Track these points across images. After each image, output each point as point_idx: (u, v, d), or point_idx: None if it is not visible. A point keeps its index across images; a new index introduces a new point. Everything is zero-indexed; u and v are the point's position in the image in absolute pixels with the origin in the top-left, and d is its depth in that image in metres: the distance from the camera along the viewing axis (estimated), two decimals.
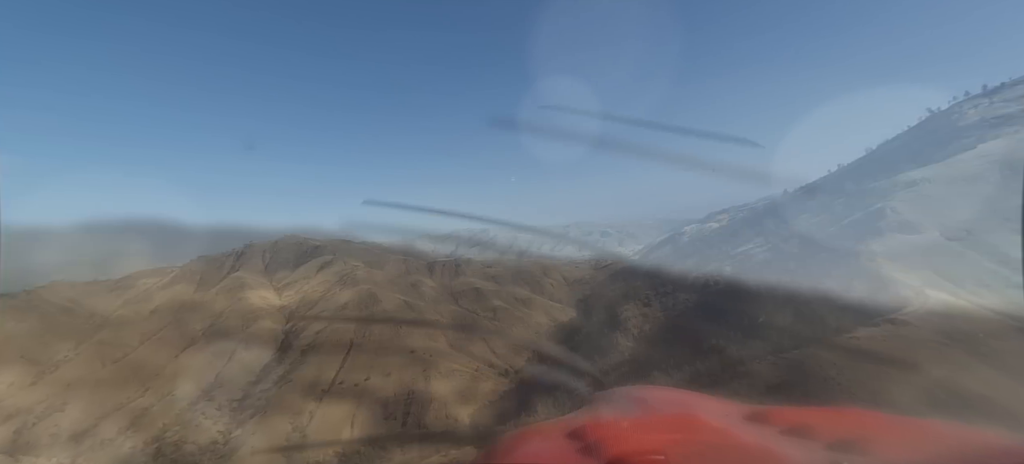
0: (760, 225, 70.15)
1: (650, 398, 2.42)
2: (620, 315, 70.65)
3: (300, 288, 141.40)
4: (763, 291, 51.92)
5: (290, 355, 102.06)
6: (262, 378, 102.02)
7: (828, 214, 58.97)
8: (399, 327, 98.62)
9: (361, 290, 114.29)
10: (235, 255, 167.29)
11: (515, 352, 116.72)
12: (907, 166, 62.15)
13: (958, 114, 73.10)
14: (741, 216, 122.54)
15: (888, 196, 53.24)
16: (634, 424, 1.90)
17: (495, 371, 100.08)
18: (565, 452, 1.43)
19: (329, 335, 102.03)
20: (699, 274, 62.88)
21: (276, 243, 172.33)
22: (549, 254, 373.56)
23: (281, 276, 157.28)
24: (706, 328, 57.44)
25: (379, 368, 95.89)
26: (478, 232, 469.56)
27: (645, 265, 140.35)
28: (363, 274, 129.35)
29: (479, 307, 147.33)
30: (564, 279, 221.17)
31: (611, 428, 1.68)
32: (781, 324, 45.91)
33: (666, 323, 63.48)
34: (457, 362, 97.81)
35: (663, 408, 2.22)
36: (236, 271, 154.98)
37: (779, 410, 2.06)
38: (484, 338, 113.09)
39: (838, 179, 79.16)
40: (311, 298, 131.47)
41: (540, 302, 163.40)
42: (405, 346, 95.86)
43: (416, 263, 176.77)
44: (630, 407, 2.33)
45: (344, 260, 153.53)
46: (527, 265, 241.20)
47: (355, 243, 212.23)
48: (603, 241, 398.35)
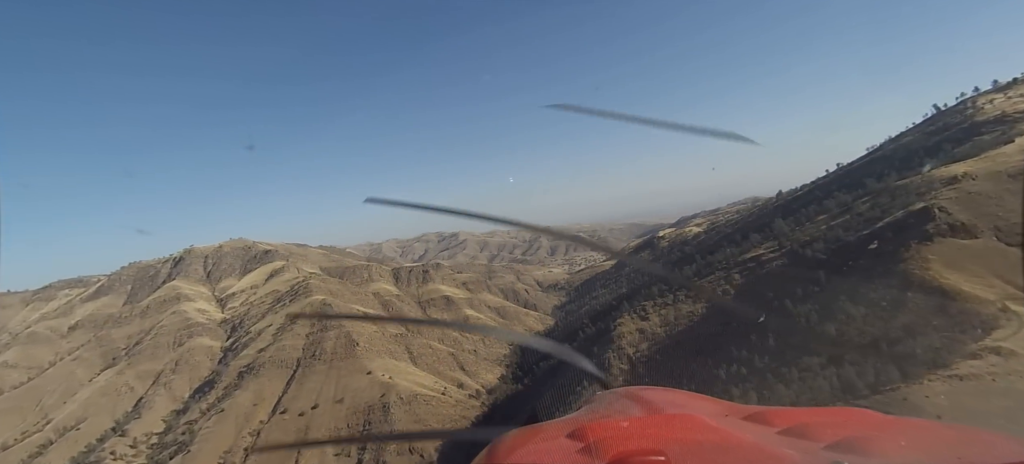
0: (769, 227, 62.08)
1: (650, 398, 2.41)
2: (611, 330, 61.00)
3: (246, 298, 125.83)
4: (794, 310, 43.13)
5: (226, 378, 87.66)
6: (191, 406, 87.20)
7: (853, 215, 51.10)
8: (355, 344, 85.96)
9: (314, 302, 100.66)
10: (172, 262, 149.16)
11: (487, 368, 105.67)
12: (929, 162, 55.30)
13: (971, 109, 67.65)
14: (730, 218, 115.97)
15: (927, 194, 45.57)
16: (634, 424, 1.83)
17: (465, 392, 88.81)
18: (565, 452, 1.51)
19: (273, 354, 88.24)
20: (707, 282, 54.10)
21: (220, 247, 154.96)
22: (521, 258, 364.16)
23: (226, 285, 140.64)
24: (724, 343, 48.43)
25: (330, 392, 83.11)
26: (448, 236, 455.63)
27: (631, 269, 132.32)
28: (318, 282, 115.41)
29: (449, 316, 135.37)
30: (538, 284, 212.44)
31: (611, 428, 1.67)
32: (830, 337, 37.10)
33: (670, 341, 54.13)
34: (422, 382, 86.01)
35: (663, 408, 2.21)
36: (172, 280, 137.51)
37: (779, 410, 2.05)
38: (453, 353, 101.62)
39: (847, 177, 72.36)
40: (260, 310, 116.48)
41: (514, 309, 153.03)
42: (361, 366, 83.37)
43: (381, 269, 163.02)
44: (630, 407, 2.31)
45: (298, 267, 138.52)
46: (500, 269, 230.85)
47: (313, 247, 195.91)
48: (575, 245, 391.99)
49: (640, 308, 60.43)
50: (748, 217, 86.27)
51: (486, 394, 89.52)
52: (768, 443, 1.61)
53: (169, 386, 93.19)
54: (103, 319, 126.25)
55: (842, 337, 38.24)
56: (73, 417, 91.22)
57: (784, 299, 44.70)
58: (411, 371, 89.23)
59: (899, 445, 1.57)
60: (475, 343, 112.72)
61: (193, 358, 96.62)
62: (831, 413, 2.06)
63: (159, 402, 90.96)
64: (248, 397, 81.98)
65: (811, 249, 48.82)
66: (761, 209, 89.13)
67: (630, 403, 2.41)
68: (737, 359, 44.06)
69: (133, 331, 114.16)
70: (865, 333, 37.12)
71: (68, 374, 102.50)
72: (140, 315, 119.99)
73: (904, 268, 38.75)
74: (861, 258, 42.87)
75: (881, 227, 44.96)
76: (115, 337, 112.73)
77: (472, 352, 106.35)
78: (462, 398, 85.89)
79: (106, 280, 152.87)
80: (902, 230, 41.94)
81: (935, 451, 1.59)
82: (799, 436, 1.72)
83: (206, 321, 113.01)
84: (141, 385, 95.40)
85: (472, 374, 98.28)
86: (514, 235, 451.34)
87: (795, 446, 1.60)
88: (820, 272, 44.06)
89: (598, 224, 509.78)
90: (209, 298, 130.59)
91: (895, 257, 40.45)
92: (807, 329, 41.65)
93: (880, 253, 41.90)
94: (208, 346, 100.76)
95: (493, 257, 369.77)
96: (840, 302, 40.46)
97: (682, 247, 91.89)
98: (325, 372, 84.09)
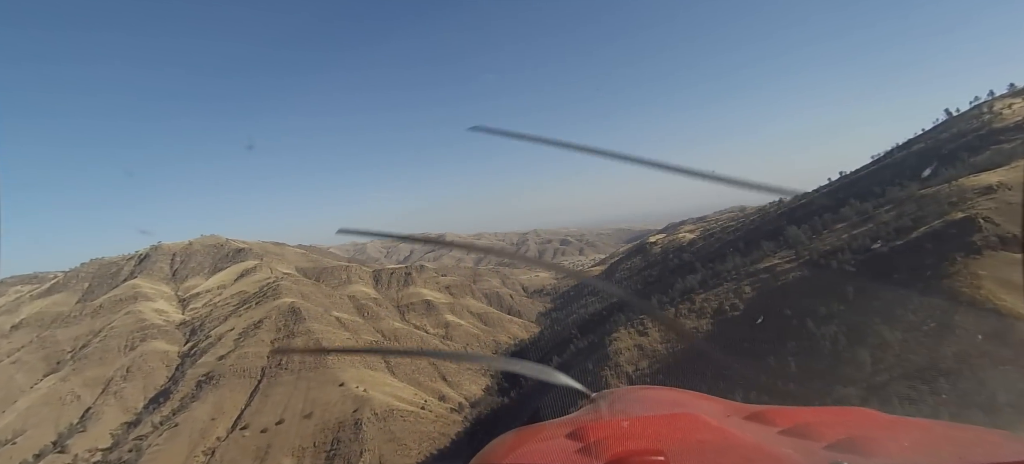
0: (781, 234, 57.28)
1: (650, 398, 2.49)
2: (606, 344, 55.39)
3: (211, 299, 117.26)
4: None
5: (182, 387, 79.74)
6: (143, 418, 79.06)
7: (877, 223, 46.42)
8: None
9: (283, 306, 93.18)
10: (136, 259, 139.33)
11: (471, 378, 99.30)
12: (951, 169, 51.11)
13: (989, 114, 64.10)
14: (727, 224, 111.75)
15: (961, 203, 40.97)
16: (634, 424, 1.84)
17: (447, 406, 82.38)
18: (565, 452, 1.54)
19: (235, 361, 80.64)
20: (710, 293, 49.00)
21: (190, 244, 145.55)
22: (507, 262, 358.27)
23: (192, 284, 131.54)
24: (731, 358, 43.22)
25: (298, 406, 76.05)
26: (433, 237, 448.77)
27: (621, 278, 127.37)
28: (289, 284, 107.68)
29: (429, 322, 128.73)
30: (524, 288, 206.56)
31: (611, 428, 1.71)
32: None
33: (673, 359, 48.77)
34: (400, 395, 79.35)
35: (663, 408, 2.28)
36: (133, 278, 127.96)
37: (779, 410, 2.08)
38: (434, 362, 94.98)
39: (855, 184, 68.21)
40: (223, 312, 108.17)
41: (497, 316, 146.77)
42: (333, 377, 76.41)
43: (360, 270, 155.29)
44: (630, 407, 2.36)
45: (271, 267, 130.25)
46: (485, 273, 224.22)
47: (291, 246, 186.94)
48: (564, 249, 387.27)
49: (638, 321, 54.98)
50: (751, 224, 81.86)
51: (470, 408, 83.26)
52: (769, 443, 1.61)
53: (120, 395, 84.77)
54: (51, 318, 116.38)
55: (878, 364, 33.21)
56: (10, 429, 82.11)
57: (805, 318, 39.69)
58: (388, 382, 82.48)
59: (900, 445, 1.57)
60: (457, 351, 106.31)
61: (146, 364, 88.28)
62: (832, 413, 2.04)
63: (108, 413, 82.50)
64: (206, 410, 74.34)
65: (836, 260, 43.93)
66: (765, 216, 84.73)
67: (630, 403, 2.39)
68: (755, 385, 38.83)
69: (82, 332, 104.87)
70: (906, 361, 32.12)
71: (6, 380, 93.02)
72: (91, 315, 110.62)
73: (949, 285, 33.96)
74: (895, 272, 38.09)
75: (916, 238, 40.27)
76: (61, 339, 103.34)
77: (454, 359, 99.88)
78: (443, 412, 79.43)
79: (62, 277, 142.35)
80: (941, 241, 37.32)
81: (936, 451, 1.59)
82: (800, 436, 1.72)
83: (163, 323, 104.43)
84: (89, 393, 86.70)
85: (455, 385, 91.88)
86: (502, 237, 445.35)
87: (796, 446, 1.60)
88: (848, 287, 39.08)
89: (586, 229, 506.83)
90: (170, 298, 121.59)
91: (937, 272, 35.69)
92: (834, 353, 36.58)
93: (917, 267, 37.11)
94: (164, 351, 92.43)
95: (479, 260, 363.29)
96: (873, 323, 35.48)
97: (680, 254, 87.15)
98: (292, 383, 76.91)
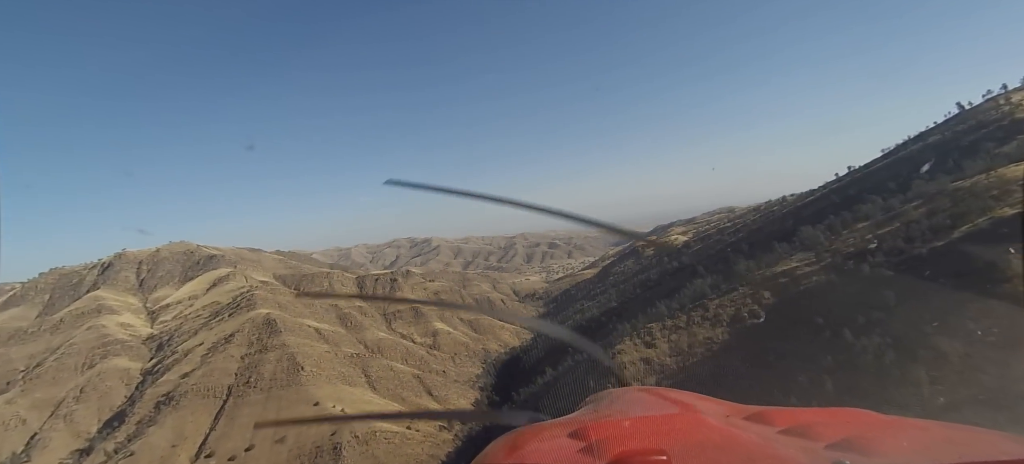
0: (794, 235, 52.72)
1: (650, 398, 2.46)
2: (611, 358, 50.58)
3: (181, 311, 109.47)
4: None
5: (139, 409, 72.46)
6: (96, 444, 71.57)
7: (905, 222, 41.91)
8: (300, 368, 72.40)
9: (257, 317, 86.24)
10: (99, 268, 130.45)
11: (460, 391, 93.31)
12: (974, 164, 47.02)
13: (1008, 105, 60.61)
14: (727, 226, 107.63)
15: (1004, 197, 36.54)
16: (636, 424, 1.86)
17: (435, 424, 76.23)
18: (566, 452, 1.54)
19: (200, 379, 73.62)
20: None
21: (157, 252, 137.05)
22: (496, 265, 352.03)
23: (161, 294, 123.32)
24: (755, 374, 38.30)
25: (269, 429, 69.35)
26: (421, 241, 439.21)
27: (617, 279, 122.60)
28: (265, 294, 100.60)
29: (417, 331, 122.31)
30: (515, 292, 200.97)
31: (613, 428, 1.73)
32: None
33: (685, 374, 43.72)
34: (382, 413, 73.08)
35: (664, 408, 2.26)
36: (96, 289, 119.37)
37: (779, 410, 2.09)
38: (419, 375, 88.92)
39: (867, 179, 64.16)
40: (194, 325, 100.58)
41: (488, 322, 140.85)
42: (307, 395, 69.91)
43: (343, 277, 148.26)
44: (631, 407, 2.35)
45: (245, 275, 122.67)
46: (475, 277, 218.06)
47: (267, 252, 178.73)
48: (552, 252, 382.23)
49: (645, 331, 49.85)
50: (752, 224, 77.63)
51: (460, 425, 77.32)
52: (770, 443, 1.60)
53: (70, 418, 77.04)
54: (8, 334, 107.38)
55: (938, 384, 28.39)
56: None
57: (841, 328, 35.00)
58: (368, 399, 76.17)
59: (900, 444, 1.57)
60: (444, 363, 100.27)
61: (103, 383, 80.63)
62: (833, 413, 2.05)
63: (57, 439, 74.74)
64: (165, 435, 67.24)
65: (867, 262, 39.32)
66: (767, 216, 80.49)
67: (631, 403, 2.38)
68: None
69: (38, 350, 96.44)
70: (972, 380, 27.34)
71: None
72: (50, 330, 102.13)
73: (1012, 290, 29.38)
74: (939, 276, 33.59)
75: (957, 238, 35.83)
76: (14, 357, 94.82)
77: (441, 373, 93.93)
78: (432, 431, 73.32)
79: (19, 288, 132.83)
80: (994, 241, 32.93)
81: (936, 450, 1.58)
82: (801, 436, 1.71)
83: (128, 338, 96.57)
84: (36, 417, 78.75)
85: (442, 400, 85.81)
86: (489, 241, 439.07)
87: (797, 446, 1.60)
88: (888, 292, 34.43)
89: (574, 231, 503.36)
90: (138, 310, 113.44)
91: (991, 275, 31.13)
92: (879, 369, 31.75)
93: (964, 271, 32.55)
94: (124, 368, 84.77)
95: (467, 263, 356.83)
96: (925, 334, 30.78)
97: (678, 256, 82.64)
98: (262, 402, 70.17)
